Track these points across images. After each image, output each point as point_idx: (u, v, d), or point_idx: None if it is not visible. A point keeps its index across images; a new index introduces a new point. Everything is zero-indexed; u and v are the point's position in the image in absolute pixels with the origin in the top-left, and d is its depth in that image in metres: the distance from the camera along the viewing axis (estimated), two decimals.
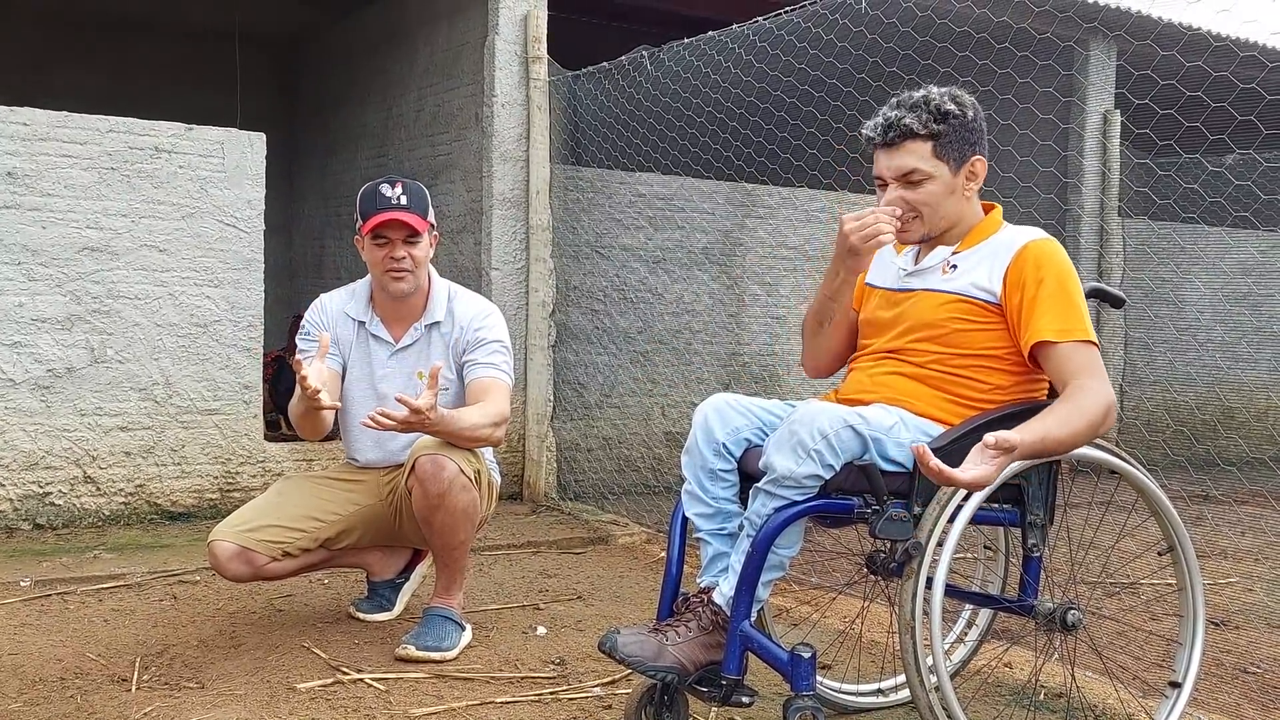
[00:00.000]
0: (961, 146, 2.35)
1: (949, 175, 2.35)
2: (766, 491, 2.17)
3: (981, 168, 2.39)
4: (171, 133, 4.74)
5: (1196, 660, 2.41)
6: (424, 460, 2.94)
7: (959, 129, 2.34)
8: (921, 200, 2.35)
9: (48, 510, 4.56)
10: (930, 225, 2.37)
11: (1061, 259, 2.30)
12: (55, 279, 4.53)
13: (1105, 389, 2.21)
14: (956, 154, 2.34)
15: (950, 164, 2.34)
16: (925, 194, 2.35)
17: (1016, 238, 2.34)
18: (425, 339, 3.22)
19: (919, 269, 2.44)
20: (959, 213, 2.38)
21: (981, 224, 2.41)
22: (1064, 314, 2.25)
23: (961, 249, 2.39)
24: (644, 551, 4.53)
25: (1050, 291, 2.26)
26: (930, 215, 2.36)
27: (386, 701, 2.71)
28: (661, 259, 5.99)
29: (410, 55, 6.63)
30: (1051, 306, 2.25)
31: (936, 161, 2.33)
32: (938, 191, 2.35)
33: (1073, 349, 2.25)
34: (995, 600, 2.66)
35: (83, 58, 8.17)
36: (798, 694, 2.11)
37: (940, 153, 2.33)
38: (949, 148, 2.33)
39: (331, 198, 7.89)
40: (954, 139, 2.33)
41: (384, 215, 3.05)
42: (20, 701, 2.65)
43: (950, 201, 2.36)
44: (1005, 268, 2.30)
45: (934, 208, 2.35)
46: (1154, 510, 2.40)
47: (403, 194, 3.08)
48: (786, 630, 3.32)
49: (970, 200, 2.41)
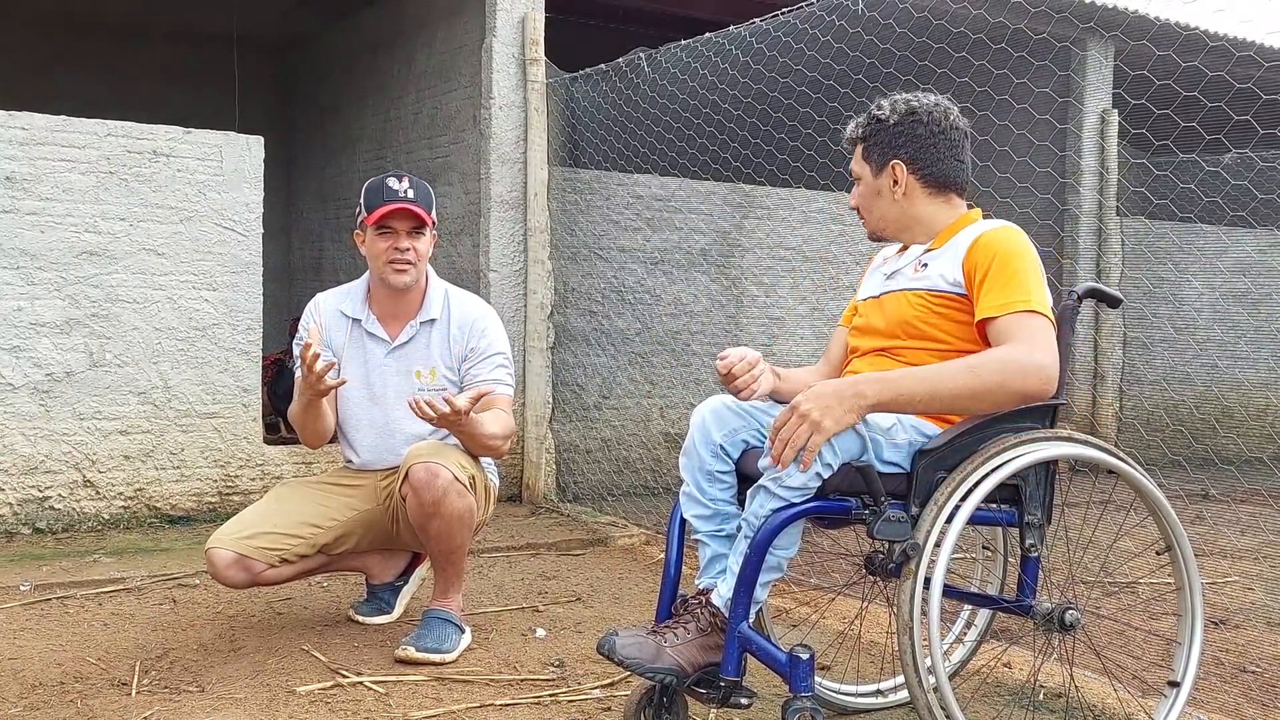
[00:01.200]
0: (882, 150, 2.46)
1: (870, 176, 2.48)
2: (765, 492, 2.17)
3: (900, 172, 2.44)
4: (169, 136, 4.74)
5: (1195, 659, 2.41)
6: (418, 468, 2.94)
7: (880, 132, 2.46)
8: (856, 201, 2.53)
9: (47, 514, 4.57)
10: (870, 224, 2.53)
11: (1010, 240, 2.32)
12: (54, 283, 4.54)
13: (1025, 350, 2.20)
14: (877, 157, 2.46)
15: (872, 165, 2.48)
16: (857, 194, 2.53)
17: (976, 230, 2.39)
18: (422, 336, 3.22)
19: (896, 270, 2.50)
20: (898, 215, 2.47)
21: (955, 223, 2.45)
22: (1005, 289, 2.27)
23: (934, 247, 2.44)
24: (643, 553, 4.53)
25: (994, 271, 2.29)
26: (866, 215, 2.52)
27: (386, 704, 2.72)
28: (659, 260, 5.99)
29: (408, 58, 6.63)
30: (994, 284, 2.28)
31: (863, 164, 2.50)
32: (865, 193, 2.50)
33: (1009, 319, 2.26)
34: (993, 600, 2.67)
35: (81, 62, 8.18)
36: (796, 695, 2.11)
37: (866, 155, 2.49)
38: (872, 150, 2.47)
39: (330, 201, 7.90)
40: (875, 143, 2.46)
41: (391, 206, 3.07)
42: (20, 706, 2.65)
43: (879, 203, 2.48)
44: (963, 258, 2.35)
45: (866, 208, 2.51)
46: (1152, 510, 2.40)
47: (410, 188, 3.11)
48: (785, 631, 3.33)
49: (910, 202, 2.45)
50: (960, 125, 2.45)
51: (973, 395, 2.19)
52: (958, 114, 2.47)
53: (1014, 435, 2.29)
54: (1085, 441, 2.37)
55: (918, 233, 2.47)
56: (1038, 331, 2.24)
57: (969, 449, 2.26)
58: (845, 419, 2.13)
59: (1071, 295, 2.51)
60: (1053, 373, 2.23)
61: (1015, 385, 2.19)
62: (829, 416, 2.11)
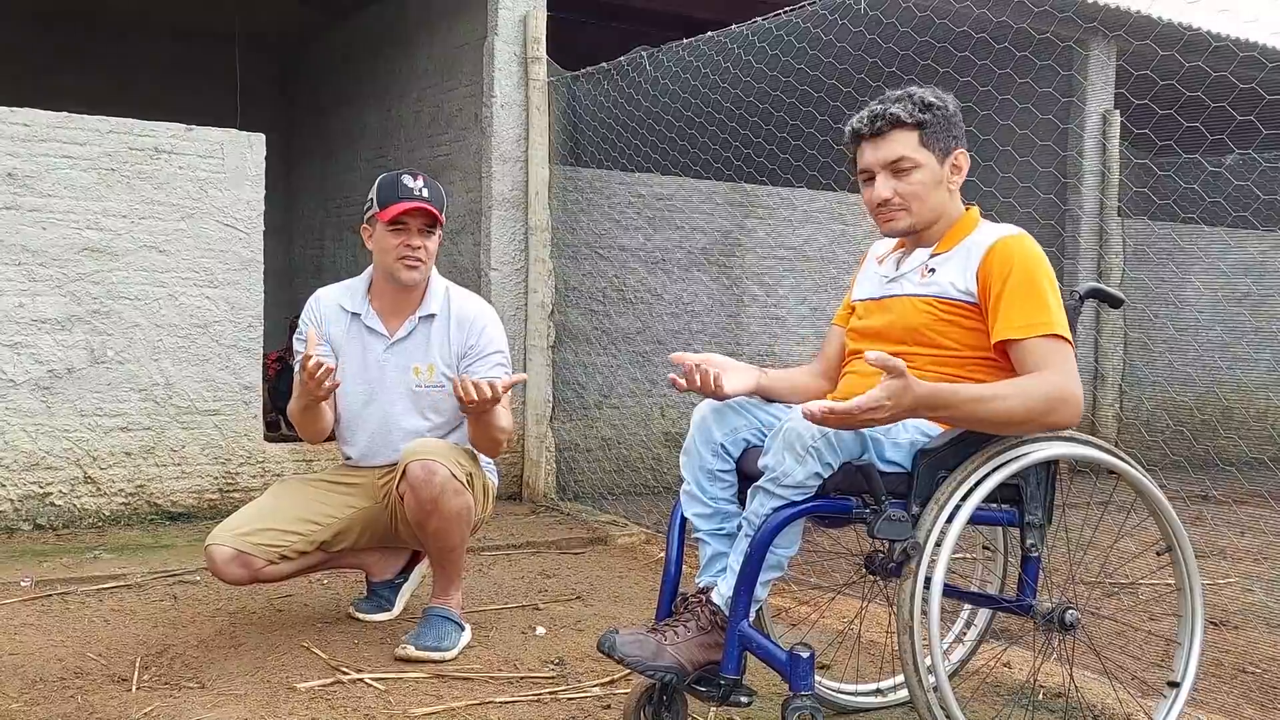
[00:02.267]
0: (946, 138, 2.36)
1: (935, 165, 2.35)
2: (765, 491, 2.17)
3: (965, 161, 2.39)
4: (171, 134, 4.74)
5: (1195, 660, 2.41)
6: (414, 466, 2.94)
7: (943, 119, 2.35)
8: (910, 191, 2.35)
9: (48, 511, 4.57)
10: (917, 216, 2.37)
11: (1029, 253, 2.29)
12: (55, 279, 4.54)
13: (1061, 381, 2.20)
14: (942, 144, 2.35)
15: (936, 153, 2.35)
16: (914, 183, 2.34)
17: (989, 235, 2.34)
18: (421, 331, 3.22)
19: (899, 274, 2.44)
20: (942, 207, 2.38)
21: (959, 224, 2.40)
22: (1029, 309, 2.24)
23: (940, 250, 2.38)
24: (643, 552, 4.53)
25: (1015, 286, 2.26)
26: (919, 207, 2.36)
27: (386, 701, 2.72)
28: (660, 259, 5.99)
29: (409, 56, 6.63)
30: (1016, 302, 2.25)
31: (923, 150, 2.34)
32: (926, 181, 2.35)
33: (1036, 344, 2.24)
34: (993, 600, 2.67)
35: (83, 60, 8.18)
36: (796, 694, 2.12)
37: (926, 141, 2.34)
38: (934, 137, 2.34)
39: (331, 199, 7.90)
40: (939, 129, 2.34)
41: (407, 204, 3.08)
42: (21, 701, 2.65)
43: (936, 193, 2.36)
44: (977, 267, 2.31)
45: (922, 198, 2.35)
46: (1152, 510, 2.40)
47: (424, 187, 3.13)
48: (785, 630, 3.33)
49: (953, 195, 2.41)
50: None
51: (1009, 423, 2.19)
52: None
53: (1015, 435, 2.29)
54: (1086, 441, 2.37)
55: (940, 227, 2.40)
56: (1068, 360, 2.23)
57: (970, 449, 2.26)
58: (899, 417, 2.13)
59: (1074, 296, 2.51)
60: (1080, 403, 2.22)
61: (1053, 419, 2.19)
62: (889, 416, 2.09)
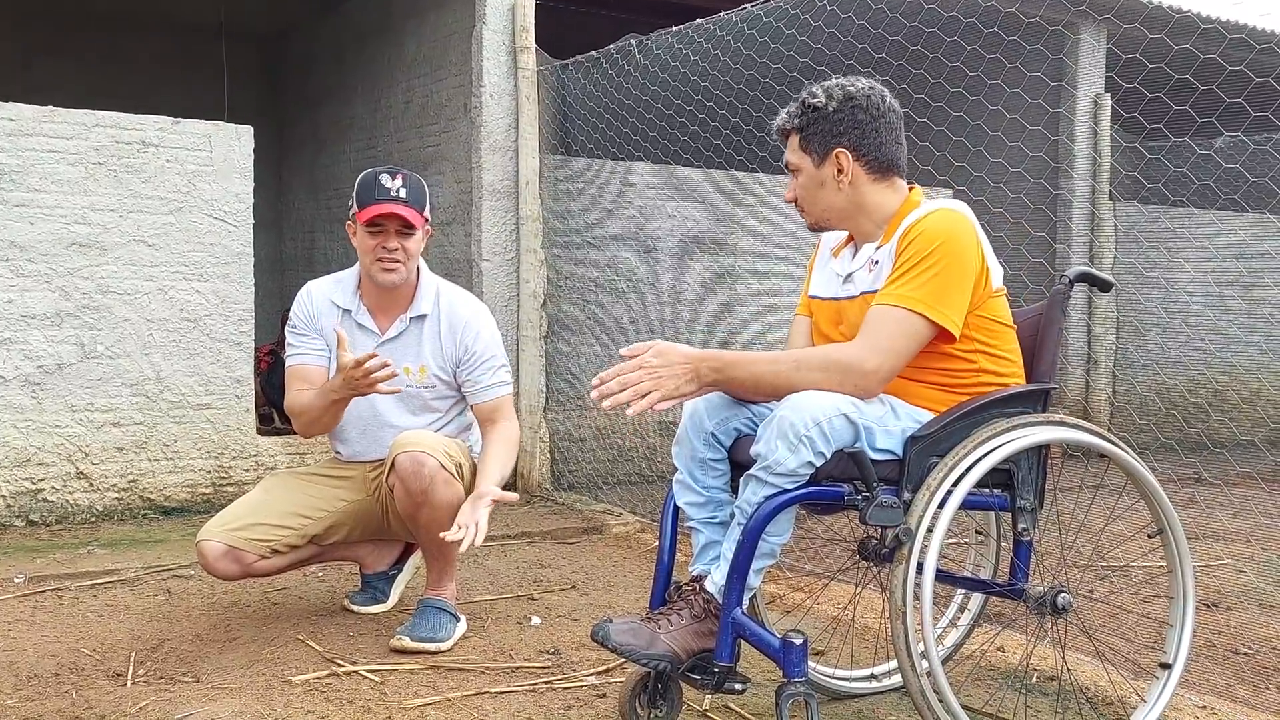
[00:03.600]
0: (824, 138, 2.38)
1: (812, 167, 2.40)
2: (757, 479, 2.17)
3: (845, 160, 2.38)
4: (158, 126, 4.72)
5: (1187, 641, 2.42)
6: (403, 457, 2.93)
7: (819, 121, 2.38)
8: (798, 193, 2.45)
9: (41, 506, 4.56)
10: (812, 217, 2.46)
11: (934, 230, 2.26)
12: (44, 275, 4.52)
13: (850, 351, 2.23)
14: (819, 146, 2.38)
15: (813, 156, 2.40)
16: (798, 186, 2.44)
17: (915, 215, 2.33)
18: (412, 331, 3.20)
19: (850, 273, 2.45)
20: (844, 204, 2.40)
21: (899, 210, 2.39)
22: (899, 280, 2.26)
23: (884, 242, 2.38)
24: (638, 541, 4.54)
25: (903, 261, 2.27)
26: (810, 208, 2.45)
27: (382, 693, 2.72)
28: (652, 248, 5.98)
29: (398, 47, 6.61)
30: (896, 274, 2.28)
31: (802, 154, 2.42)
32: (807, 184, 2.42)
33: (875, 311, 2.27)
34: (986, 585, 2.68)
35: (68, 54, 8.13)
36: (790, 680, 2.12)
37: (804, 145, 2.41)
38: (811, 140, 2.39)
39: (321, 191, 7.87)
40: (815, 131, 2.38)
41: (382, 207, 3.04)
42: (15, 697, 2.65)
43: (823, 194, 2.41)
44: (894, 248, 2.32)
45: (808, 199, 2.44)
46: (1144, 494, 2.41)
47: (403, 186, 3.07)
48: (779, 617, 3.33)
49: (856, 190, 2.39)
50: (896, 107, 2.42)
51: (794, 388, 2.21)
52: (891, 96, 2.43)
53: (1006, 420, 2.30)
54: (1077, 426, 2.38)
55: (863, 222, 2.41)
56: (888, 330, 2.23)
57: (961, 434, 2.27)
58: (683, 389, 2.21)
59: (1063, 280, 2.51)
60: (874, 379, 2.22)
61: (832, 386, 2.20)
62: (672, 382, 2.20)
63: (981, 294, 2.31)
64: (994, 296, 2.36)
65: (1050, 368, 2.45)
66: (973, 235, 2.30)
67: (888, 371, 2.24)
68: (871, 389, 2.24)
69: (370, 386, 2.91)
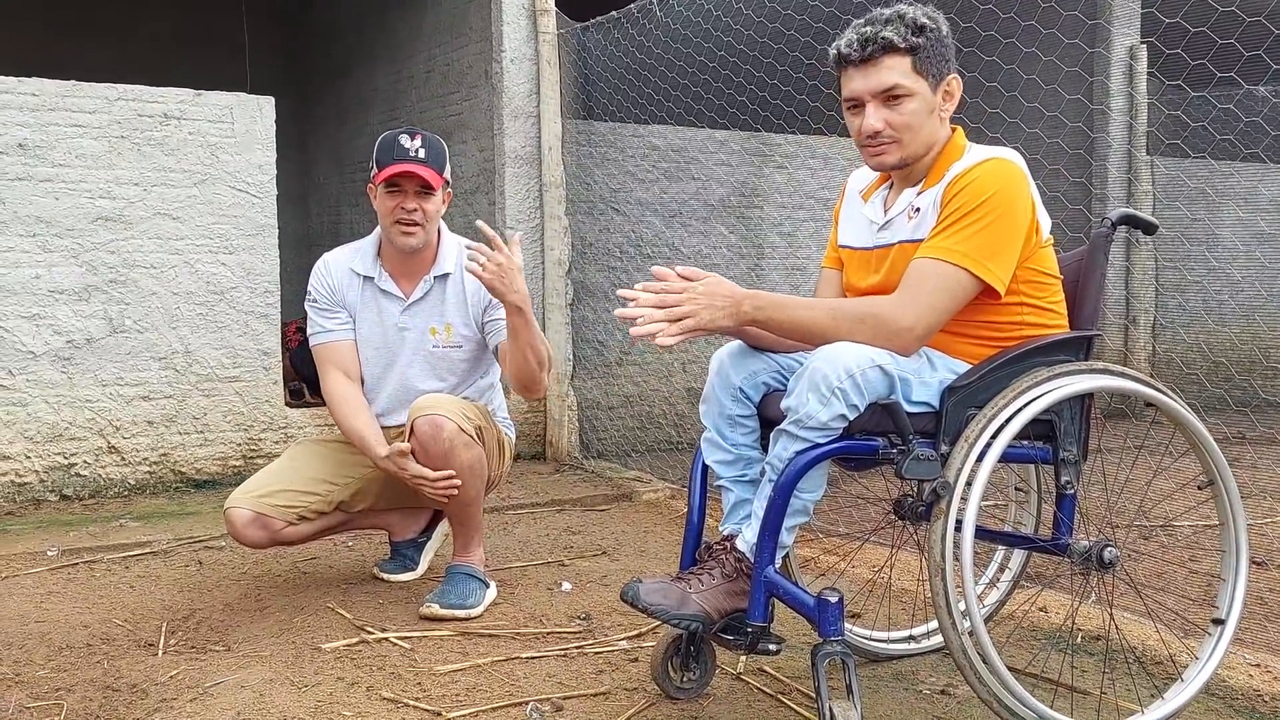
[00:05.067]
0: (939, 62, 2.22)
1: (929, 93, 2.22)
2: (788, 434, 2.10)
3: (957, 86, 2.26)
4: (180, 99, 4.69)
5: (1240, 595, 2.33)
6: (421, 422, 2.89)
7: (936, 43, 2.21)
8: (902, 122, 2.21)
9: (73, 481, 4.57)
10: (908, 149, 2.24)
11: (984, 181, 2.15)
12: (70, 250, 4.51)
13: (889, 305, 2.13)
14: (935, 70, 2.22)
15: (929, 80, 2.22)
16: (906, 113, 2.20)
17: (964, 163, 2.21)
18: (436, 292, 3.16)
19: (888, 220, 2.33)
20: (933, 137, 2.25)
21: (944, 154, 2.27)
22: (945, 233, 2.15)
23: (925, 188, 2.26)
24: (668, 507, 4.49)
25: (950, 213, 2.16)
26: (910, 139, 2.23)
27: (412, 659, 2.69)
28: (678, 212, 5.90)
29: (418, 15, 6.54)
30: (941, 226, 2.17)
31: (916, 77, 2.20)
32: (919, 110, 2.21)
33: (918, 264, 2.16)
34: (1029, 540, 2.60)
35: (90, 31, 8.13)
36: (826, 639, 2.06)
37: (919, 68, 2.20)
38: (928, 63, 2.20)
39: (346, 164, 7.84)
40: (932, 54, 2.21)
41: (399, 166, 3.00)
42: (48, 668, 2.64)
43: (929, 123, 2.23)
44: (940, 196, 2.20)
45: (915, 129, 2.22)
46: (1193, 443, 2.32)
47: (421, 146, 3.03)
48: (813, 580, 3.28)
49: (943, 124, 2.28)
50: None
51: (827, 338, 2.11)
52: None
53: (1047, 369, 2.21)
54: (1122, 373, 2.29)
55: (925, 162, 2.28)
56: (931, 285, 2.12)
57: (1001, 384, 2.18)
58: (720, 322, 2.10)
59: (1105, 223, 2.41)
60: (912, 336, 2.12)
61: (866, 339, 2.10)
62: (709, 312, 2.08)
63: (1031, 246, 2.22)
64: (1042, 247, 2.26)
65: (1093, 315, 2.36)
66: (1025, 187, 2.19)
67: (926, 328, 2.14)
68: (909, 346, 2.14)
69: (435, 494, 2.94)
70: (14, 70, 4.58)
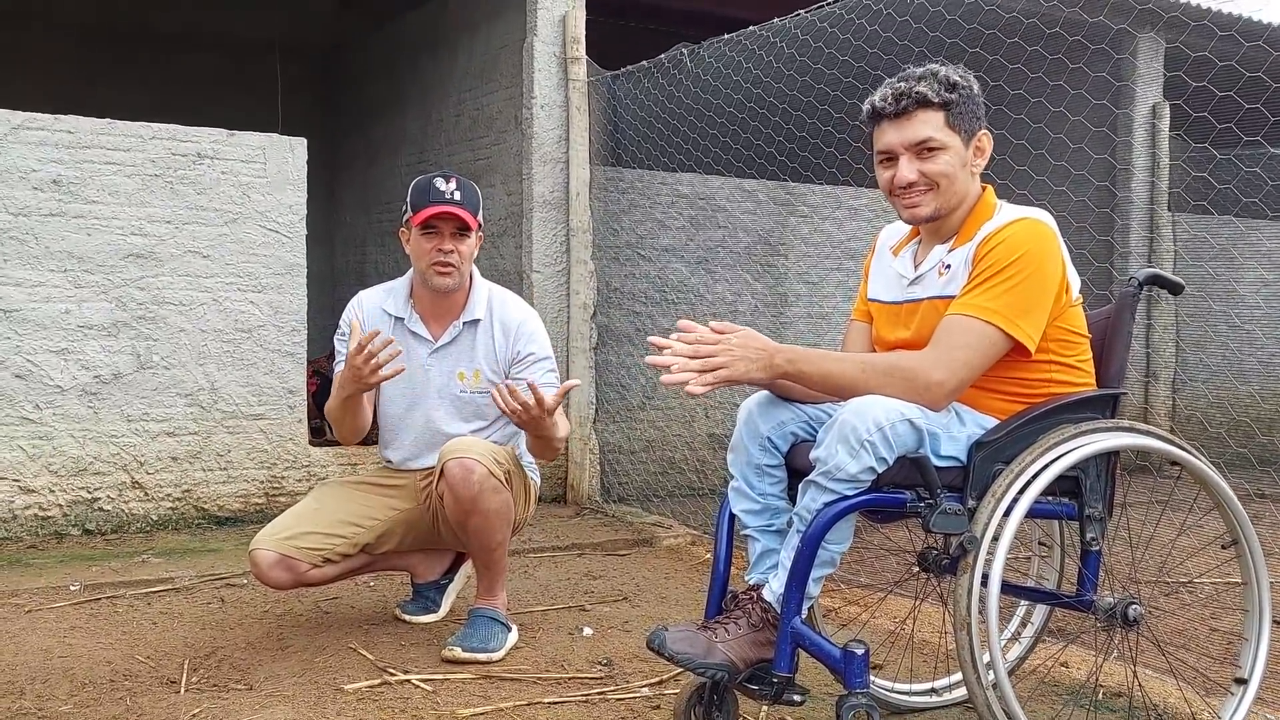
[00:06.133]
0: (970, 119, 2.29)
1: (961, 147, 2.27)
2: (817, 485, 2.12)
3: (988, 143, 2.32)
4: (213, 139, 4.77)
5: (1264, 655, 2.33)
6: (452, 464, 2.91)
7: (968, 99, 2.28)
8: (939, 171, 2.26)
9: (96, 515, 4.60)
10: (943, 200, 2.28)
11: (1019, 239, 2.19)
12: (101, 285, 4.57)
13: (918, 364, 2.15)
14: (966, 126, 2.28)
15: (962, 135, 2.27)
16: (942, 164, 2.25)
17: (997, 222, 2.25)
18: (466, 337, 3.20)
19: (919, 275, 2.36)
20: (965, 191, 2.30)
21: (976, 211, 2.31)
22: (976, 290, 2.19)
23: (957, 245, 2.30)
24: (689, 553, 4.49)
25: (982, 271, 2.20)
26: (946, 187, 2.27)
27: (434, 702, 2.69)
28: (703, 259, 5.95)
29: (449, 60, 6.64)
30: (974, 283, 2.20)
31: (949, 131, 2.26)
32: (954, 162, 2.26)
33: (950, 320, 2.19)
34: (1054, 596, 2.60)
35: (126, 72, 8.27)
36: (851, 691, 2.06)
37: (952, 123, 2.26)
38: (960, 118, 2.26)
39: (373, 206, 7.93)
40: (964, 109, 2.27)
41: (437, 209, 3.05)
42: (70, 704, 2.66)
43: (961, 176, 2.28)
44: (972, 254, 2.24)
45: (950, 179, 2.26)
46: (1217, 502, 2.33)
47: (456, 189, 3.08)
48: (835, 630, 3.27)
49: (974, 179, 2.33)
50: None
51: (857, 391, 2.14)
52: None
53: (1073, 426, 2.23)
54: (1147, 432, 2.31)
55: (958, 216, 2.32)
56: (962, 341, 2.16)
57: (1028, 440, 2.20)
58: (753, 374, 2.15)
59: (1132, 282, 2.44)
60: (941, 392, 2.15)
61: (896, 394, 2.13)
62: (744, 364, 2.13)
63: (1060, 305, 2.25)
64: (1072, 306, 2.29)
65: (1119, 373, 2.38)
66: (1056, 247, 2.23)
67: (957, 384, 2.17)
68: (938, 402, 2.17)
69: (374, 372, 2.88)
70: (55, 109, 4.67)
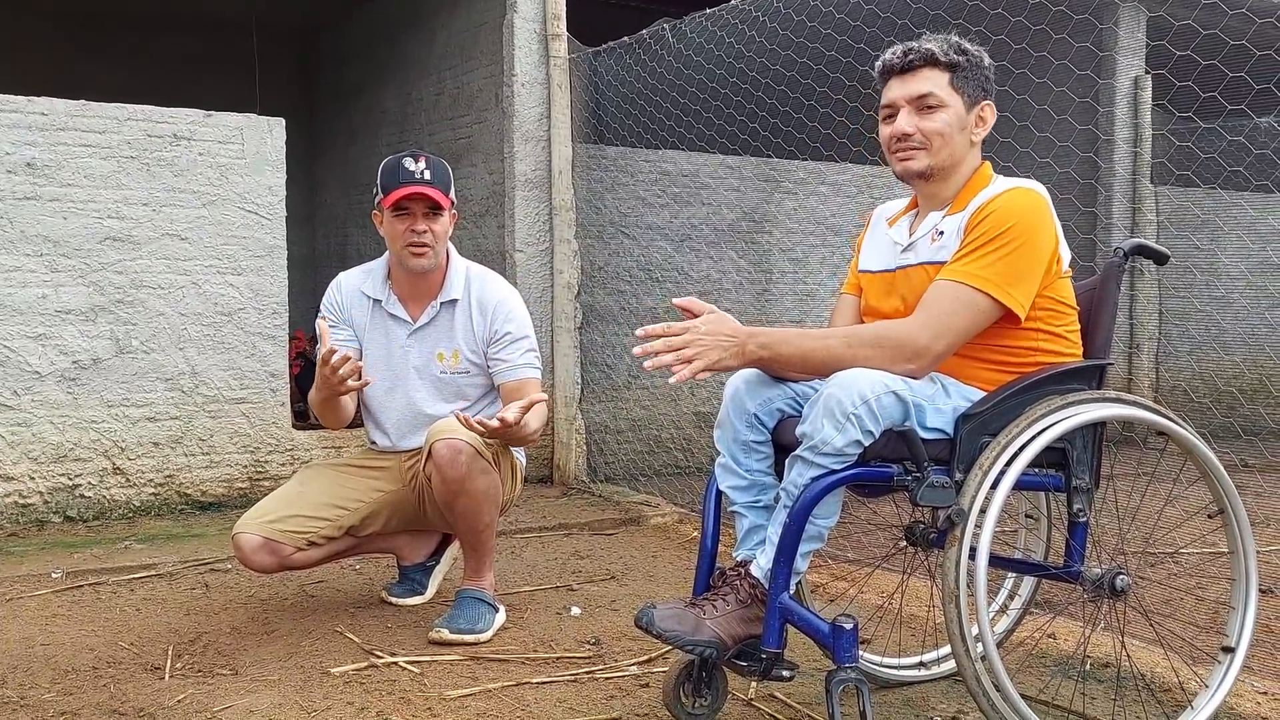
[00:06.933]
0: (976, 86, 2.30)
1: (962, 109, 2.29)
2: (803, 460, 2.10)
3: (991, 114, 2.33)
4: (190, 120, 4.71)
5: (1250, 624, 2.34)
6: (440, 445, 2.90)
7: (976, 67, 2.30)
8: (934, 129, 2.27)
9: (78, 502, 4.56)
10: (935, 158, 2.29)
11: (1008, 209, 2.19)
12: (78, 270, 4.52)
13: (904, 331, 2.16)
14: (971, 91, 2.30)
15: (965, 99, 2.29)
16: (939, 122, 2.27)
17: (990, 191, 2.26)
18: (444, 317, 3.17)
19: (912, 242, 2.36)
20: (961, 156, 2.31)
21: (973, 181, 2.32)
22: (967, 258, 2.19)
23: (951, 213, 2.31)
24: (676, 531, 4.48)
25: (974, 239, 2.20)
26: (939, 145, 2.28)
27: (421, 684, 2.68)
28: (687, 237, 5.92)
29: (429, 38, 6.58)
30: (965, 251, 2.20)
31: (952, 92, 2.28)
32: (950, 122, 2.28)
33: (937, 286, 2.19)
34: (1041, 568, 2.60)
35: (102, 53, 8.17)
36: (840, 666, 2.06)
37: (956, 84, 2.28)
38: (965, 82, 2.29)
39: (353, 186, 7.87)
40: (970, 75, 2.29)
41: (406, 189, 3.01)
42: (54, 691, 2.63)
43: (959, 139, 2.29)
44: (965, 221, 2.24)
45: (945, 138, 2.27)
46: (1203, 471, 2.33)
47: (426, 169, 3.04)
48: (823, 606, 3.27)
49: (974, 149, 2.34)
50: None
51: (842, 365, 2.14)
52: None
53: (1060, 397, 2.22)
54: (1134, 402, 2.30)
55: (953, 183, 2.33)
56: (949, 308, 2.16)
57: (1014, 412, 2.19)
58: (726, 362, 2.15)
59: (1118, 253, 2.43)
60: (928, 358, 2.16)
61: (883, 362, 2.13)
62: (716, 352, 2.13)
63: (1051, 276, 2.25)
64: (1061, 277, 2.29)
65: (1105, 344, 2.37)
66: (1049, 217, 2.24)
67: (943, 349, 2.17)
68: (925, 368, 2.17)
69: (342, 383, 2.89)
70: (28, 91, 4.60)
